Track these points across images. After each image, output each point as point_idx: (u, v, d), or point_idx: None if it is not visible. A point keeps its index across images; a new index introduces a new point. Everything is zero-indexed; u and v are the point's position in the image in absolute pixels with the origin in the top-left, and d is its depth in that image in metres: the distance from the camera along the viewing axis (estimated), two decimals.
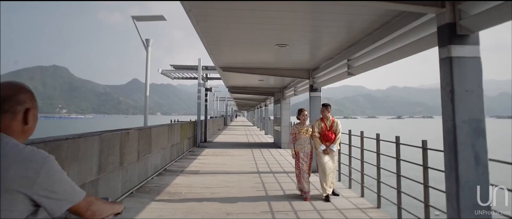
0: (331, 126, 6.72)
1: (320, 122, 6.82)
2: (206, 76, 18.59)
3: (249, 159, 13.04)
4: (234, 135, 26.73)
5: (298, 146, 6.77)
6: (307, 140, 6.77)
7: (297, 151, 6.78)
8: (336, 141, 6.63)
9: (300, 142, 6.76)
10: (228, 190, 7.63)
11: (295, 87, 13.46)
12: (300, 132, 6.76)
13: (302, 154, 6.75)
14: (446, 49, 3.29)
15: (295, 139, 6.82)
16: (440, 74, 3.40)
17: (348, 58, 6.60)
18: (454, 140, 3.19)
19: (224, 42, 6.54)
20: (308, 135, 6.76)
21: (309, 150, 6.77)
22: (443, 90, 3.36)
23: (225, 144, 18.72)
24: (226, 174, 9.64)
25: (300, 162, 6.75)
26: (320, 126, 6.79)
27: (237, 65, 9.43)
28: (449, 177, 3.27)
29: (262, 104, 32.92)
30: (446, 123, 3.30)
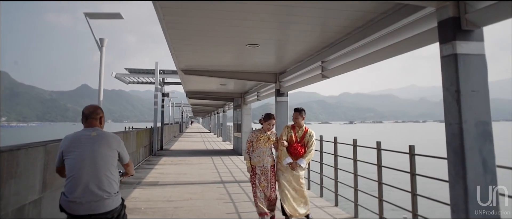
0: (303, 137, 5.30)
1: (290, 129, 5.40)
2: (163, 81, 17.70)
3: (210, 167, 12.41)
4: (191, 142, 25.81)
5: (255, 158, 5.26)
6: (267, 151, 5.25)
7: (253, 164, 5.28)
8: (307, 155, 5.22)
9: (257, 153, 5.23)
10: (192, 203, 6.99)
11: (258, 92, 13.06)
12: (259, 140, 5.24)
13: (259, 170, 5.22)
14: (450, 45, 3.00)
15: (251, 149, 5.36)
16: (443, 74, 3.10)
17: (322, 60, 6.27)
18: (461, 145, 2.89)
19: (191, 41, 5.95)
20: (269, 145, 5.28)
21: (270, 164, 5.27)
22: (446, 90, 3.06)
23: (183, 152, 17.88)
24: (188, 185, 8.97)
25: (256, 177, 5.28)
26: (289, 134, 5.35)
27: (200, 68, 8.81)
28: (455, 186, 2.96)
29: (219, 110, 32.26)
30: (451, 126, 2.99)
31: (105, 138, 3.06)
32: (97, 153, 2.94)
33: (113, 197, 2.94)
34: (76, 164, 2.88)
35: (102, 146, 2.99)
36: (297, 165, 5.19)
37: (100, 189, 2.87)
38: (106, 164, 2.95)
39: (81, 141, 2.98)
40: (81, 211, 2.83)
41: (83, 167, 2.88)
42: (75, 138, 3.02)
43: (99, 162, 2.92)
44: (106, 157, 2.97)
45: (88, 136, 3.01)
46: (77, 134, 3.06)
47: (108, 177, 2.93)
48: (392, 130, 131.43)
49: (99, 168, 2.92)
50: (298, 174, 5.24)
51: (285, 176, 5.26)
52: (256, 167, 5.27)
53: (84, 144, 2.96)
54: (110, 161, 2.99)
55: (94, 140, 2.99)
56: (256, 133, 5.37)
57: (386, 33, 4.22)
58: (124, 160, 3.21)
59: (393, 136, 74.82)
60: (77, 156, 2.91)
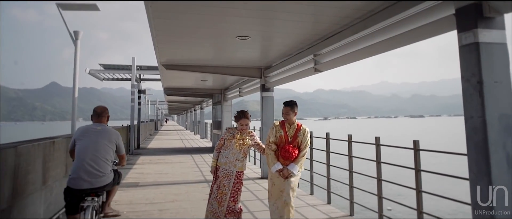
0: (295, 136, 4.40)
1: (279, 127, 4.49)
2: (140, 77, 17.05)
3: (191, 166, 12.01)
4: (168, 140, 25.17)
5: (223, 158, 4.49)
6: (238, 155, 4.46)
7: (219, 164, 4.51)
8: (299, 160, 4.33)
9: (226, 153, 4.48)
10: (178, 205, 6.62)
11: (241, 88, 12.73)
12: (230, 140, 4.51)
13: (222, 172, 4.43)
14: (472, 33, 2.80)
15: (220, 148, 4.62)
16: (462, 64, 2.91)
17: (315, 53, 6.01)
18: (484, 140, 2.71)
19: (177, 32, 5.55)
20: (242, 149, 4.49)
21: (238, 169, 4.47)
22: (466, 82, 2.86)
23: (161, 150, 17.32)
24: (171, 185, 8.56)
25: (217, 182, 4.49)
26: (278, 133, 4.46)
27: (183, 63, 8.39)
28: (477, 183, 2.77)
29: (197, 107, 31.66)
30: (472, 120, 2.80)
31: (107, 132, 4.21)
32: (99, 143, 4.05)
33: (107, 175, 4.08)
34: (82, 149, 3.96)
35: (104, 138, 4.12)
36: (288, 172, 4.27)
37: (97, 170, 3.95)
38: (104, 151, 4.06)
39: (89, 132, 4.09)
40: (84, 185, 3.84)
41: (87, 152, 3.94)
42: (86, 129, 4.14)
43: (99, 150, 4.02)
44: (105, 146, 4.09)
45: (95, 129, 4.15)
46: (88, 126, 4.19)
47: (104, 161, 4.03)
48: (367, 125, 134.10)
49: (98, 154, 3.98)
50: (292, 184, 4.28)
51: (276, 183, 4.32)
52: (220, 168, 4.47)
53: (91, 135, 4.07)
54: (107, 150, 4.11)
55: (99, 133, 4.12)
56: (232, 131, 4.60)
57: (391, 24, 3.99)
58: (121, 151, 4.43)
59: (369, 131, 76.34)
60: (84, 143, 3.99)
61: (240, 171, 4.52)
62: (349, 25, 4.86)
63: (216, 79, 12.87)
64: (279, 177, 4.33)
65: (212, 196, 4.56)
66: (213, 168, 4.62)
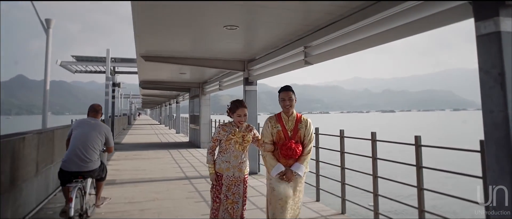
0: (296, 129, 3.69)
1: (275, 122, 3.73)
2: (114, 70, 16.31)
3: (169, 161, 11.58)
4: (143, 135, 24.43)
5: (223, 164, 3.74)
6: (241, 156, 3.76)
7: (219, 171, 3.76)
8: (304, 158, 3.64)
9: (226, 156, 3.74)
10: (159, 204, 6.24)
11: (221, 81, 12.35)
12: (229, 139, 3.72)
13: (227, 180, 3.72)
14: (492, 22, 2.61)
15: (214, 150, 3.86)
16: (480, 54, 2.72)
17: (305, 44, 5.75)
18: (507, 136, 2.54)
19: (161, 21, 5.15)
20: (244, 148, 3.79)
21: (245, 173, 3.83)
22: (485, 74, 2.68)
23: (136, 145, 16.71)
24: (150, 183, 8.14)
25: (222, 190, 3.76)
26: (275, 128, 3.70)
27: (163, 54, 7.93)
28: (498, 182, 2.60)
29: (172, 101, 30.93)
30: (492, 114, 2.62)
31: (99, 126, 4.89)
32: (91, 134, 4.69)
33: (94, 161, 4.65)
34: (76, 138, 4.60)
35: (96, 130, 4.77)
36: (293, 174, 3.55)
37: (86, 156, 4.54)
38: (94, 142, 4.67)
39: (84, 124, 4.78)
40: (73, 168, 4.45)
41: (79, 140, 4.57)
42: (81, 121, 4.86)
43: (90, 139, 4.64)
44: (96, 138, 4.72)
45: (89, 122, 4.83)
46: (84, 119, 4.93)
47: (92, 150, 4.62)
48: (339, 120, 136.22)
49: (88, 143, 4.60)
50: (297, 189, 3.64)
51: (279, 188, 3.58)
52: (223, 175, 3.72)
53: (85, 126, 4.75)
54: (97, 141, 4.73)
55: (92, 125, 4.80)
56: (226, 128, 3.76)
57: (393, 14, 3.77)
58: (109, 144, 5.01)
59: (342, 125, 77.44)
60: (77, 133, 4.65)
61: (245, 177, 3.83)
62: (345, 16, 4.62)
63: (194, 72, 12.44)
64: (281, 181, 3.57)
65: (221, 209, 3.77)
66: (212, 175, 3.79)
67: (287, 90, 3.76)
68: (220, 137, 3.81)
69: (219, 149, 3.85)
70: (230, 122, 3.88)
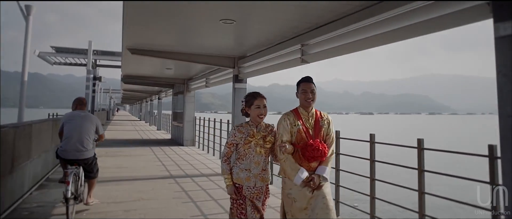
0: (317, 127, 3.16)
1: (294, 118, 3.16)
2: (96, 63, 15.76)
3: (152, 159, 11.25)
4: (123, 131, 23.79)
5: (242, 173, 3.10)
6: (263, 162, 3.15)
7: (237, 182, 3.11)
8: (329, 159, 3.12)
9: (246, 163, 3.12)
10: (145, 205, 5.97)
11: (208, 78, 12.07)
12: (248, 142, 3.11)
13: (248, 192, 3.07)
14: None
15: (229, 157, 3.20)
16: (498, 57, 2.62)
17: (302, 42, 5.59)
18: None
19: (153, 13, 4.88)
20: (265, 151, 3.17)
21: (266, 182, 3.19)
22: (503, 77, 2.58)
23: (116, 142, 16.19)
24: (134, 181, 7.83)
25: (247, 205, 3.07)
26: (295, 126, 3.13)
27: (151, 48, 7.61)
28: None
29: (153, 97, 30.32)
30: (509, 118, 2.53)
31: (89, 117, 5.37)
32: (85, 125, 5.17)
33: (89, 150, 5.19)
34: (71, 130, 5.06)
35: (87, 121, 5.24)
36: (319, 178, 3.02)
37: (82, 145, 5.07)
38: (87, 131, 5.16)
39: (75, 117, 5.21)
40: (70, 156, 4.98)
41: (74, 132, 5.05)
42: (72, 115, 5.25)
43: (84, 130, 5.13)
44: (88, 128, 5.19)
45: (80, 115, 5.26)
46: (73, 113, 5.31)
47: (87, 139, 5.15)
48: None
49: (83, 134, 5.10)
50: (324, 192, 3.03)
51: (303, 199, 2.98)
52: (243, 186, 3.08)
53: (77, 119, 5.18)
54: (90, 131, 5.23)
55: (83, 118, 5.25)
56: (243, 129, 3.16)
57: (402, 12, 3.64)
58: (100, 131, 5.45)
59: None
60: (71, 125, 5.10)
61: (266, 186, 3.22)
62: (349, 13, 4.47)
63: (180, 68, 12.13)
64: (302, 190, 2.98)
65: None
66: (231, 188, 3.11)
67: (309, 82, 3.20)
68: (237, 140, 3.15)
69: (236, 155, 3.20)
70: (247, 122, 3.26)
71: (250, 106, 3.18)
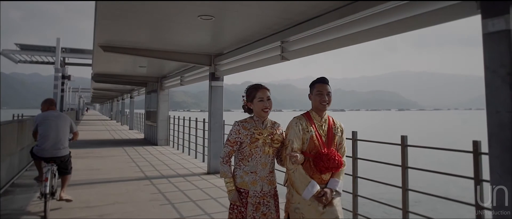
0: (331, 135, 2.84)
1: (307, 123, 2.83)
2: (64, 61, 15.07)
3: (126, 160, 10.90)
4: (94, 131, 23.01)
5: (247, 176, 2.75)
6: (270, 163, 2.81)
7: (241, 187, 2.75)
8: (341, 171, 2.82)
9: (251, 165, 2.76)
10: (120, 208, 5.72)
11: (183, 76, 11.80)
12: (255, 140, 2.76)
13: (255, 197, 2.73)
14: (502, 19, 2.52)
15: (234, 158, 2.88)
16: (487, 53, 2.63)
17: (282, 39, 5.50)
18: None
19: (128, 7, 4.65)
20: (273, 151, 2.82)
21: (272, 187, 2.83)
22: (491, 73, 2.58)
23: (87, 143, 15.60)
24: (107, 184, 7.53)
25: (248, 211, 2.72)
26: (307, 132, 2.79)
27: (124, 45, 7.31)
28: (504, 184, 2.51)
29: (125, 96, 29.51)
30: (498, 115, 2.53)
31: (64, 116, 5.72)
32: (59, 124, 5.49)
33: (65, 148, 5.57)
34: (47, 130, 5.36)
35: (62, 120, 5.56)
36: (332, 193, 2.71)
37: (59, 144, 5.44)
38: (63, 130, 5.52)
39: (49, 117, 5.47)
40: (47, 155, 5.33)
41: (51, 131, 5.37)
42: (46, 116, 5.49)
43: (60, 129, 5.47)
44: (64, 126, 5.55)
45: (53, 115, 5.54)
46: (47, 113, 5.54)
47: (63, 138, 5.50)
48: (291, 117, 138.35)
49: (59, 133, 5.44)
50: (336, 210, 2.72)
51: (313, 214, 2.66)
52: (248, 191, 2.72)
53: (51, 119, 5.46)
54: (66, 129, 5.59)
55: (58, 118, 5.55)
56: (248, 125, 2.80)
57: (391, 8, 3.59)
58: (74, 129, 5.82)
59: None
60: (47, 125, 5.39)
61: (275, 189, 2.87)
62: (331, 10, 4.41)
63: (154, 65, 11.80)
64: (312, 204, 2.66)
65: None
66: (233, 194, 2.73)
67: (325, 83, 2.88)
68: (241, 138, 2.76)
69: (239, 156, 2.81)
70: (250, 117, 2.89)
71: (252, 100, 2.82)
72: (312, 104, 2.92)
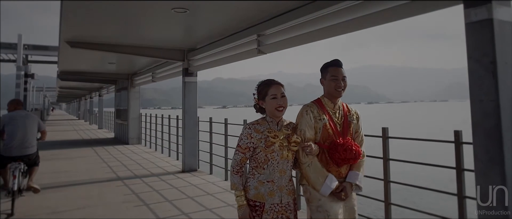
0: (346, 123, 2.60)
1: (319, 111, 2.57)
2: (27, 59, 14.28)
3: (96, 160, 10.48)
4: (60, 131, 22.09)
5: (261, 186, 2.39)
6: (286, 167, 2.44)
7: (256, 200, 2.38)
8: (361, 163, 2.59)
9: (268, 173, 2.40)
10: (91, 212, 5.43)
11: (154, 73, 11.45)
12: (271, 145, 2.39)
13: (272, 212, 2.37)
14: (484, 9, 2.50)
15: (247, 165, 2.52)
16: (470, 42, 2.61)
17: (259, 33, 5.36)
18: (497, 125, 2.46)
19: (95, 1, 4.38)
20: (292, 154, 2.45)
21: (292, 198, 2.49)
22: (475, 62, 2.56)
23: (54, 144, 14.88)
24: (76, 186, 7.16)
25: None
26: (320, 121, 2.54)
27: (93, 40, 6.93)
28: (487, 174, 2.51)
29: (93, 94, 28.52)
30: (482, 103, 2.52)
31: (31, 116, 5.89)
32: (27, 124, 5.60)
33: (33, 147, 5.67)
34: (15, 129, 5.45)
35: (30, 120, 5.69)
36: (352, 187, 2.51)
37: (27, 143, 5.55)
38: (31, 129, 5.64)
39: (16, 117, 5.58)
40: (15, 153, 5.42)
41: (18, 131, 5.47)
42: (13, 116, 5.61)
43: (28, 128, 5.59)
44: (31, 126, 5.67)
45: (20, 115, 5.66)
46: (14, 114, 5.66)
47: (31, 137, 5.64)
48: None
49: (27, 132, 5.56)
50: (352, 204, 2.55)
51: (330, 210, 2.40)
52: (264, 204, 2.36)
53: (19, 119, 5.58)
54: (34, 129, 5.74)
55: (24, 117, 5.68)
56: (260, 127, 2.45)
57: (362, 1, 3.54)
58: (41, 128, 5.99)
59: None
60: (15, 125, 5.48)
61: (294, 199, 2.51)
62: (308, 2, 4.32)
63: (124, 62, 11.38)
64: (333, 199, 2.43)
65: None
66: (243, 210, 2.37)
67: (339, 66, 2.60)
68: (254, 142, 2.40)
69: (252, 163, 2.45)
70: (263, 118, 2.54)
71: (264, 97, 2.47)
72: (325, 90, 2.64)
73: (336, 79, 2.55)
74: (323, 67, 2.67)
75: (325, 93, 2.64)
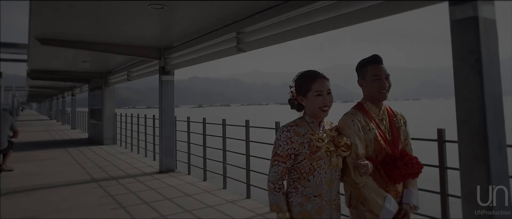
0: (395, 130, 2.24)
1: (365, 119, 2.17)
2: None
3: (69, 162, 10.10)
4: (31, 132, 21.20)
5: (308, 202, 1.97)
6: (334, 176, 2.03)
7: (300, 218, 1.96)
8: (415, 181, 2.25)
9: (313, 187, 1.98)
10: (65, 216, 5.22)
11: (129, 71, 11.13)
12: (316, 149, 1.97)
13: None
14: (470, 6, 2.49)
15: (285, 178, 2.04)
16: (455, 40, 2.60)
17: (238, 30, 5.26)
18: (483, 123, 2.46)
19: None
20: (339, 161, 2.04)
21: (339, 215, 2.10)
22: (460, 60, 2.56)
23: (24, 145, 14.24)
24: (49, 190, 6.85)
25: None
26: (369, 131, 2.14)
27: (65, 37, 6.62)
28: (472, 171, 2.51)
29: (66, 94, 27.58)
30: (467, 101, 2.52)
31: (6, 116, 7.42)
32: (2, 124, 6.62)
33: (5, 142, 7.32)
34: None
35: (4, 121, 7.00)
36: (413, 209, 2.18)
37: None
38: (4, 129, 6.86)
39: None
40: None
41: None
42: None
43: (2, 129, 6.69)
44: (6, 127, 6.85)
45: None
46: None
47: (4, 135, 7.05)
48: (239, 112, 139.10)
49: (1, 132, 6.95)
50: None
51: None
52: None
53: None
54: (6, 128, 7.04)
55: None
56: (300, 130, 2.04)
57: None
58: (14, 128, 7.75)
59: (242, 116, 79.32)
60: None
61: (340, 214, 2.14)
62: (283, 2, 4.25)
63: (98, 60, 11.00)
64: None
65: None
66: None
67: (381, 63, 2.23)
68: (296, 149, 1.99)
69: (294, 174, 2.03)
70: (301, 117, 2.12)
71: (307, 93, 2.05)
72: (365, 93, 2.26)
73: (379, 78, 2.18)
74: (361, 65, 2.28)
75: (367, 97, 2.27)
